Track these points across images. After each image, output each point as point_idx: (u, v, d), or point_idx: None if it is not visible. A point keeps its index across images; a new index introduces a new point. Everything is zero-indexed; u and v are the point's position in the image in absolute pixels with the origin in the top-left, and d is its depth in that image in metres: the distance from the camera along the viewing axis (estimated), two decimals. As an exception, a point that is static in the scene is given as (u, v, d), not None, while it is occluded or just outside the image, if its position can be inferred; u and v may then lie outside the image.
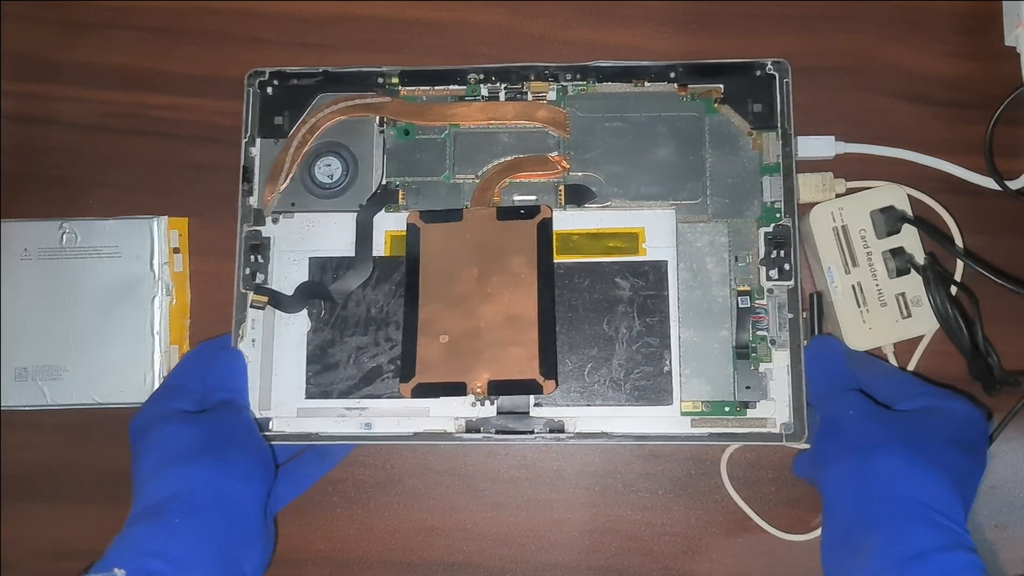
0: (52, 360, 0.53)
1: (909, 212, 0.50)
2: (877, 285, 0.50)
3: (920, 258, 0.50)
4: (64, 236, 0.54)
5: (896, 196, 0.50)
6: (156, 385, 0.52)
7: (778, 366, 0.49)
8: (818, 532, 0.51)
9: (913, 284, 0.50)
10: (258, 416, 0.50)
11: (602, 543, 0.53)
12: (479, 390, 0.48)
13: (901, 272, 0.50)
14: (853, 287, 0.50)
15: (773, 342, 0.49)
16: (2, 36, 0.57)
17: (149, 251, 0.53)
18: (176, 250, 0.54)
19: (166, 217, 0.54)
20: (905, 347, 0.51)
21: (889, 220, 0.50)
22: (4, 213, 0.55)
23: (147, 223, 0.54)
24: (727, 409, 0.49)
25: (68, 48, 0.57)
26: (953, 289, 0.50)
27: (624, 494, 0.53)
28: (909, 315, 0.50)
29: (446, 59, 0.55)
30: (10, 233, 0.54)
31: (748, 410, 0.49)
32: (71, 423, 0.54)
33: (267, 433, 0.50)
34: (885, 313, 0.50)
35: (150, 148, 0.56)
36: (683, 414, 0.49)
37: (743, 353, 0.49)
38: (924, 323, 0.50)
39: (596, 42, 0.55)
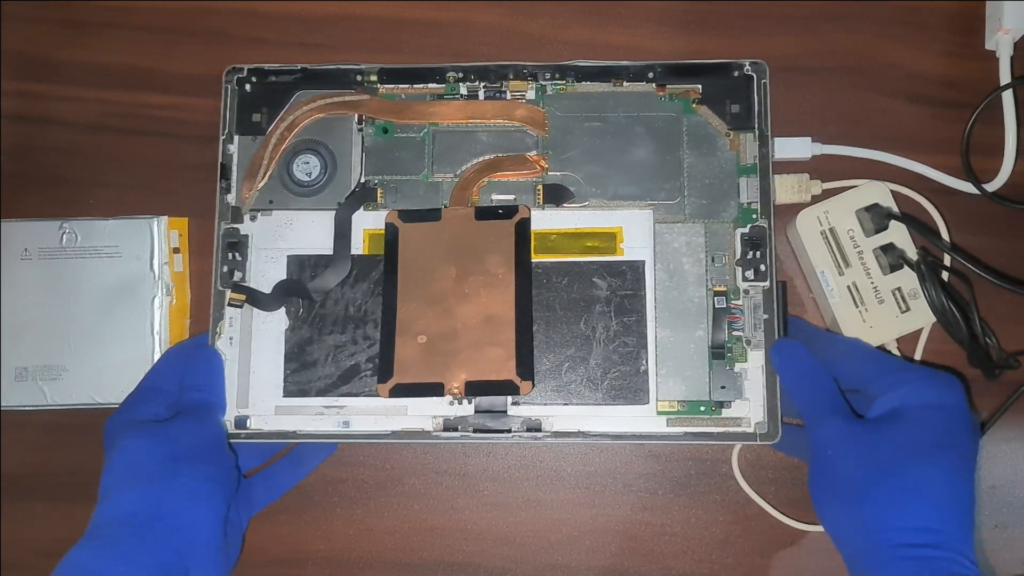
0: (52, 360, 0.53)
1: (894, 208, 0.51)
2: (872, 283, 0.50)
3: (911, 252, 0.50)
4: (64, 236, 0.54)
5: (879, 193, 0.51)
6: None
7: (753, 366, 0.50)
8: (819, 527, 0.52)
9: (908, 278, 0.50)
10: (236, 414, 0.50)
11: (602, 543, 0.53)
12: (456, 390, 0.48)
13: (894, 267, 0.50)
14: (849, 288, 0.50)
15: (748, 342, 0.50)
16: (2, 36, 0.57)
17: (149, 251, 0.53)
18: (176, 250, 0.54)
19: (166, 217, 0.54)
20: (907, 340, 0.52)
21: (876, 218, 0.50)
22: (4, 213, 0.55)
23: (147, 223, 0.54)
24: (702, 408, 0.50)
25: (68, 48, 0.57)
26: (946, 275, 0.50)
27: (624, 494, 0.53)
28: (908, 309, 0.50)
29: (446, 59, 0.54)
30: (10, 233, 0.54)
31: (723, 410, 0.49)
32: (71, 423, 0.54)
33: (245, 431, 0.50)
34: (884, 310, 0.50)
35: (150, 148, 0.56)
36: (659, 413, 0.50)
37: (719, 353, 0.50)
38: (923, 315, 0.50)
39: (596, 42, 0.55)
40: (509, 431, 0.50)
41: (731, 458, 0.53)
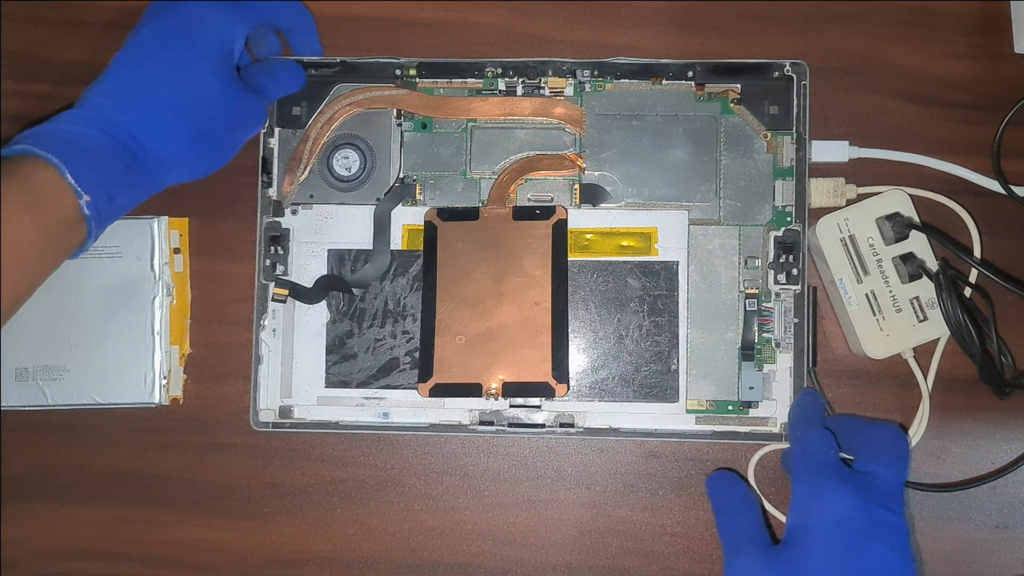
0: (52, 360, 0.53)
1: (915, 217, 0.51)
2: (890, 291, 0.50)
3: (930, 261, 0.50)
4: None
5: (900, 202, 0.51)
6: (156, 385, 0.53)
7: (781, 368, 0.51)
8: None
9: (927, 287, 0.50)
10: (280, 404, 0.52)
11: (602, 543, 0.54)
12: (494, 391, 0.50)
13: (913, 277, 0.50)
14: (867, 296, 0.50)
15: (778, 344, 0.51)
16: (2, 36, 0.56)
17: (149, 251, 0.53)
18: (176, 250, 0.54)
19: (166, 217, 0.54)
20: (924, 350, 0.52)
21: (896, 226, 0.51)
22: None
23: (147, 223, 0.54)
24: (730, 408, 0.51)
25: (68, 48, 0.56)
26: (968, 291, 0.50)
27: (624, 494, 0.54)
28: (925, 318, 0.50)
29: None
30: None
31: (751, 410, 0.51)
32: (71, 423, 0.55)
33: (289, 420, 0.52)
34: (901, 319, 0.50)
35: (150, 148, 0.56)
36: (688, 411, 0.51)
37: (748, 354, 0.51)
38: (941, 325, 0.50)
39: (597, 42, 0.55)
40: (543, 426, 0.51)
41: (750, 460, 0.52)
